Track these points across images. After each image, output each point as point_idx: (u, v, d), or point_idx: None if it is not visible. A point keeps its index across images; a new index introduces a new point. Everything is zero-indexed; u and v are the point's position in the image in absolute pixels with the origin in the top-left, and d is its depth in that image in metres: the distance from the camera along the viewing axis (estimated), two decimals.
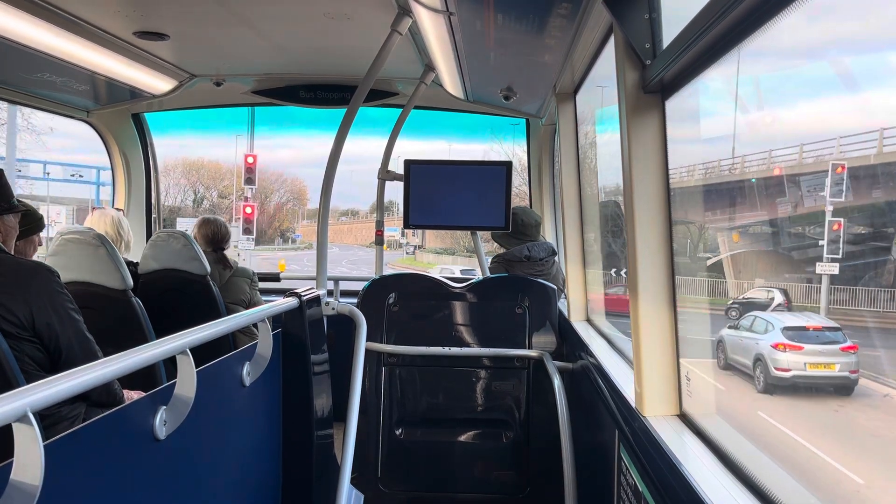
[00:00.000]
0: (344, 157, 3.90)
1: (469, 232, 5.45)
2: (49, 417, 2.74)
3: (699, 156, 3.67)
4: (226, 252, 4.93)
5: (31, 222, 3.41)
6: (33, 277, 2.72)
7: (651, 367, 2.33)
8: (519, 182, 13.68)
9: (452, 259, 37.45)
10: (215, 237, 4.88)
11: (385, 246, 5.71)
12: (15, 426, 1.25)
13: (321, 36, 4.26)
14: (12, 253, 2.92)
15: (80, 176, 25.67)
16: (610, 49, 2.90)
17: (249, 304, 4.76)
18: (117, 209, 5.73)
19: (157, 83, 5.16)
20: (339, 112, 3.90)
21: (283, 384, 2.98)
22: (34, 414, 1.26)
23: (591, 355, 3.37)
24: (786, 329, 4.40)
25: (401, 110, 5.31)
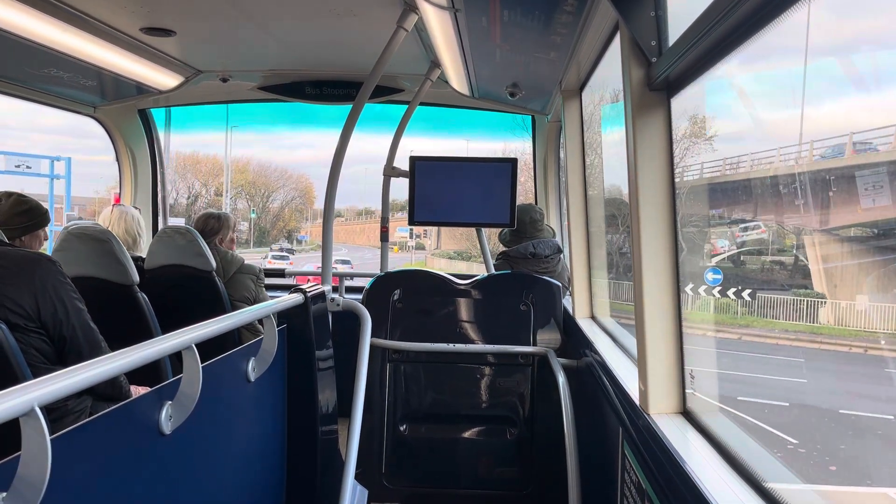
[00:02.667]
0: (359, 155, 3.90)
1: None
2: (56, 411, 2.75)
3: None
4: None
5: (36, 217, 3.43)
6: (36, 267, 2.73)
7: (655, 365, 2.33)
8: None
9: (467, 266, 33.64)
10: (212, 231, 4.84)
11: (395, 248, 5.72)
12: (22, 420, 1.26)
13: (327, 32, 4.27)
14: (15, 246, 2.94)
15: (28, 167, 21.55)
16: (615, 46, 2.89)
17: (255, 301, 4.75)
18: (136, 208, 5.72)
19: (163, 79, 5.17)
20: (364, 109, 3.88)
21: (287, 380, 2.99)
22: (41, 408, 1.27)
23: (596, 352, 3.37)
24: None
25: (406, 107, 5.31)
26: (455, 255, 37.90)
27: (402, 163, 5.29)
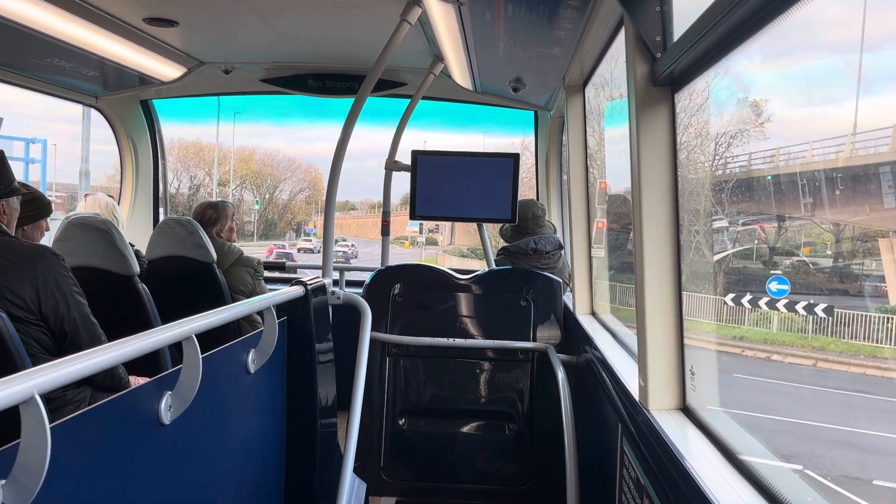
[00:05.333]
0: (373, 148, 3.89)
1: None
2: (55, 401, 2.76)
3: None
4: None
5: (39, 207, 3.43)
6: (39, 260, 2.73)
7: (655, 361, 2.33)
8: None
9: (480, 265, 31.72)
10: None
11: (406, 243, 5.73)
12: (22, 408, 1.25)
13: (330, 24, 4.26)
14: (16, 236, 2.94)
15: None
16: (619, 41, 2.89)
17: (251, 295, 4.66)
18: (109, 196, 5.69)
19: (165, 70, 5.16)
20: (381, 103, 3.88)
21: (287, 372, 2.99)
22: (41, 396, 1.27)
23: (596, 348, 3.36)
24: None
25: (409, 101, 5.31)
26: (469, 252, 34.94)
27: (406, 156, 5.28)
